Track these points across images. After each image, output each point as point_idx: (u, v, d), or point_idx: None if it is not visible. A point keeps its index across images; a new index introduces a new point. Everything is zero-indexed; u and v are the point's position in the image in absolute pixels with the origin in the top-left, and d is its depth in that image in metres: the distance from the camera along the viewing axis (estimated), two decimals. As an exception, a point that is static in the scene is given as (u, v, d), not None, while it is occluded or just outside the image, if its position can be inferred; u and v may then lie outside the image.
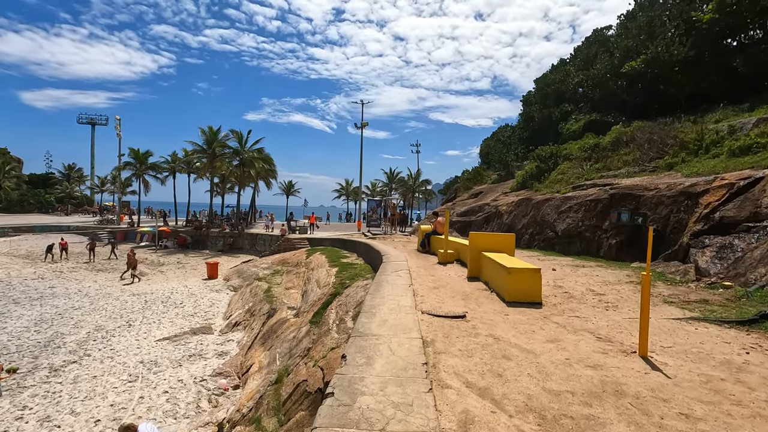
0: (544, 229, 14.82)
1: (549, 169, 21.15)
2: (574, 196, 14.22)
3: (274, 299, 16.05)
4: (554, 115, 29.64)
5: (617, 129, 18.99)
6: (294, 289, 16.96)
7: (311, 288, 15.35)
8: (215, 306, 18.26)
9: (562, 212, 13.99)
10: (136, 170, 42.29)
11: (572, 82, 29.35)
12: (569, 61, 34.93)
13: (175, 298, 19.49)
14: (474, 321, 5.25)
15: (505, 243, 8.55)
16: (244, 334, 14.13)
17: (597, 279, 8.45)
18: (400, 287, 7.25)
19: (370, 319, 5.05)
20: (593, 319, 5.49)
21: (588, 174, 17.00)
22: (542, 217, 15.14)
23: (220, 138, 39.00)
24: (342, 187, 63.04)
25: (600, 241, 11.94)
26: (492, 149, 38.48)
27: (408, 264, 10.70)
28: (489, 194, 27.97)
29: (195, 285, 22.59)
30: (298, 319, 12.71)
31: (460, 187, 35.37)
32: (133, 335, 14.09)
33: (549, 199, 15.54)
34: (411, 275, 8.81)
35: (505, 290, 6.36)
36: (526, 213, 16.78)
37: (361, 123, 38.21)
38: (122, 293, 20.27)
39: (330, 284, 13.77)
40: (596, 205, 12.49)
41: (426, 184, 55.65)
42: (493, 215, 19.97)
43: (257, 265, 24.49)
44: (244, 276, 22.70)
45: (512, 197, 21.53)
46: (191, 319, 16.06)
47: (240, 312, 16.02)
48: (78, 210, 65.65)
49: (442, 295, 6.90)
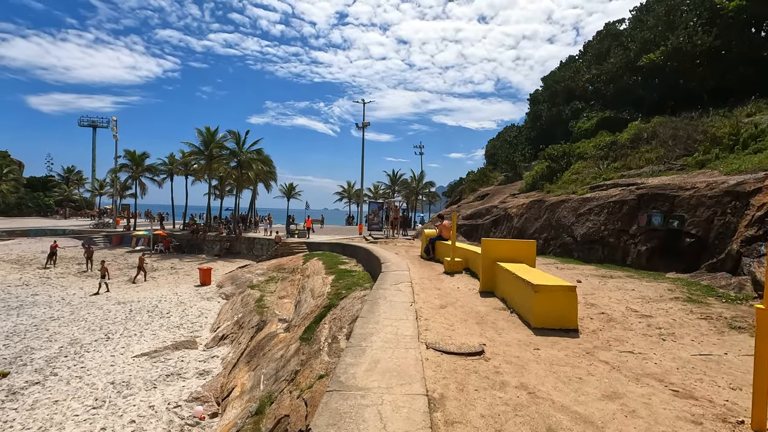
0: (560, 234, 13.49)
1: (561, 168, 19.82)
2: (593, 197, 12.89)
3: (265, 310, 14.80)
4: (564, 113, 28.30)
5: (636, 125, 17.66)
6: (287, 299, 15.70)
7: (305, 298, 14.09)
8: (204, 316, 17.01)
9: (581, 215, 12.66)
10: (132, 172, 41.25)
11: (583, 78, 28.04)
12: (578, 58, 33.64)
13: (162, 307, 18.27)
14: (496, 359, 3.96)
15: (524, 252, 7.25)
16: (231, 349, 12.87)
17: (633, 294, 7.12)
18: (399, 306, 5.97)
19: (358, 358, 3.77)
20: (652, 355, 4.18)
21: (606, 173, 15.66)
22: (558, 221, 13.82)
23: (218, 139, 37.93)
24: (344, 190, 61.85)
25: (626, 248, 10.60)
26: (498, 150, 37.18)
27: (410, 274, 9.42)
28: (496, 196, 26.67)
29: (186, 292, 21.38)
30: (288, 334, 11.44)
31: (465, 188, 34.07)
32: (109, 350, 12.86)
33: (565, 201, 14.22)
34: (413, 288, 7.52)
35: (531, 313, 5.07)
36: (539, 216, 15.46)
37: (363, 123, 37.06)
38: (107, 301, 19.08)
39: (325, 294, 12.50)
40: (621, 207, 11.15)
41: (429, 186, 54.34)
42: (501, 218, 18.65)
43: (252, 271, 23.27)
44: (238, 283, 21.47)
45: (522, 199, 20.22)
46: (176, 332, 14.82)
47: (228, 324, 14.77)
48: (78, 213, 64.87)
49: (450, 316, 5.61)
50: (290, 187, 58.51)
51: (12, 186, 58.19)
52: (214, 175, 39.97)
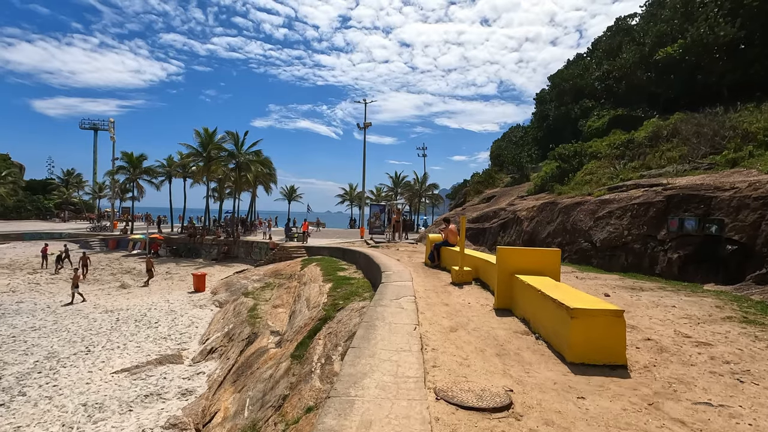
0: (576, 239, 12.42)
1: (573, 169, 18.75)
2: (612, 198, 11.83)
3: (257, 321, 13.79)
4: (573, 112, 27.22)
5: (654, 122, 16.58)
6: (282, 308, 14.69)
7: (300, 308, 13.08)
8: (195, 326, 16.03)
9: (600, 218, 11.60)
10: (130, 174, 40.43)
11: (593, 76, 26.97)
12: (586, 55, 32.58)
13: (151, 315, 17.30)
14: (530, 417, 2.92)
15: (548, 263, 6.21)
16: (218, 364, 11.86)
17: (677, 313, 6.06)
18: (401, 331, 4.95)
19: (342, 419, 2.74)
20: (738, 408, 3.13)
21: (623, 173, 14.59)
22: (573, 224, 12.75)
23: (216, 140, 37.06)
24: (346, 192, 60.89)
25: (654, 255, 9.53)
26: (503, 151, 36.08)
27: (413, 285, 8.39)
28: (502, 198, 25.61)
29: (178, 299, 20.41)
30: (279, 350, 10.43)
31: (470, 190, 33.01)
32: (87, 365, 11.88)
33: (580, 203, 13.15)
34: (417, 304, 6.49)
35: (567, 343, 4.03)
36: (552, 219, 14.40)
37: (364, 123, 36.11)
38: (94, 309, 18.12)
39: (320, 305, 11.50)
40: (647, 209, 10.08)
41: (433, 188, 53.28)
42: (510, 222, 17.59)
43: (248, 276, 22.29)
44: (233, 289, 20.50)
45: (531, 201, 19.15)
46: (162, 344, 13.83)
47: (218, 336, 13.77)
48: (78, 216, 64.21)
49: (464, 344, 4.58)
50: (291, 189, 57.64)
51: (10, 189, 57.53)
52: (212, 177, 39.12)
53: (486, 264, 8.32)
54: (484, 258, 8.59)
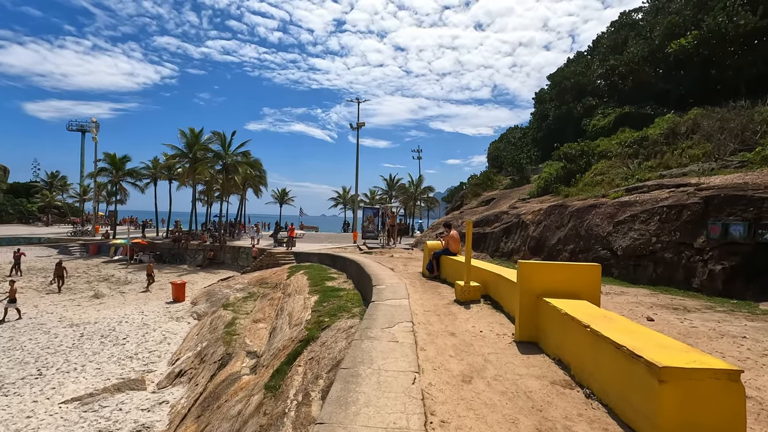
0: (591, 246, 11.06)
1: (580, 169, 17.46)
2: (633, 200, 10.49)
3: (234, 338, 12.27)
4: (575, 111, 26.04)
5: (670, 118, 15.34)
6: (263, 323, 13.17)
7: (281, 325, 11.58)
8: (167, 342, 14.45)
9: (621, 223, 10.25)
10: (112, 177, 38.68)
11: (596, 73, 25.81)
12: (587, 53, 31.49)
13: (121, 330, 15.69)
14: None
15: (585, 281, 4.81)
16: (186, 391, 10.32)
17: (756, 348, 4.67)
18: (394, 385, 3.49)
19: None
20: None
21: (639, 173, 13.29)
22: (588, 230, 11.39)
23: (203, 141, 35.50)
24: (339, 195, 59.40)
25: (691, 266, 8.17)
26: (502, 152, 34.87)
27: (410, 304, 6.96)
28: (503, 201, 24.30)
29: (154, 311, 18.80)
30: (253, 377, 8.94)
31: (468, 193, 31.69)
32: (34, 393, 10.30)
33: (595, 206, 11.81)
34: (416, 335, 5.06)
35: (651, 421, 2.61)
36: (562, 223, 13.04)
37: (357, 123, 34.70)
38: (59, 323, 16.47)
39: (303, 323, 10.03)
40: (680, 212, 8.74)
41: (429, 191, 51.94)
42: (514, 226, 16.23)
43: (231, 285, 20.73)
44: (213, 300, 18.92)
45: (535, 204, 17.82)
46: (126, 365, 12.26)
47: (189, 356, 12.22)
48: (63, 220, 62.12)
49: (485, 409, 3.14)
50: (283, 192, 56.06)
51: (-10, 192, 55.47)
52: (199, 179, 37.53)
53: (497, 279, 6.91)
54: (495, 271, 7.17)
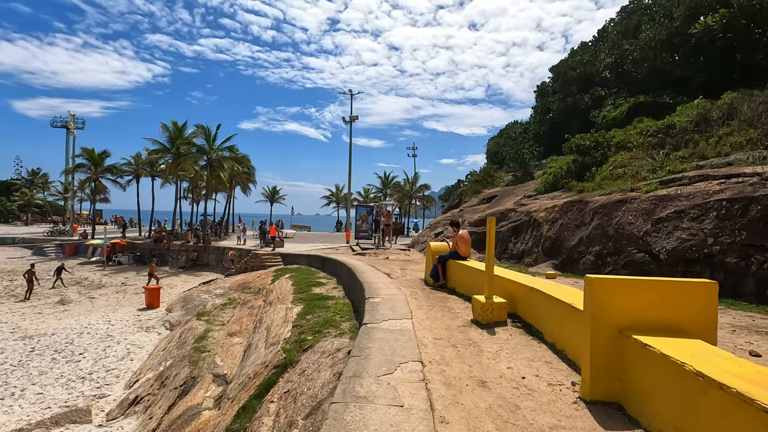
0: (623, 247, 9.40)
1: (595, 162, 15.85)
2: (675, 194, 8.85)
3: (204, 356, 10.46)
4: (582, 103, 24.48)
5: (699, 104, 13.75)
6: (238, 337, 11.37)
7: (257, 341, 9.80)
8: (129, 358, 12.60)
9: (662, 221, 8.59)
10: (90, 173, 36.51)
11: (604, 62, 24.25)
12: (592, 44, 29.95)
13: (80, 343, 13.81)
14: None
15: (691, 307, 3.12)
16: (139, 425, 8.49)
17: None
18: None
19: None
20: None
21: (670, 164, 11.68)
22: (618, 229, 9.73)
23: (187, 135, 33.52)
24: (332, 194, 57.54)
25: (765, 275, 6.51)
26: (502, 147, 33.26)
27: (414, 326, 5.22)
28: (506, 198, 22.66)
29: (123, 319, 16.91)
30: (214, 415, 7.15)
31: (467, 190, 30.03)
32: (-48, 428, 8.43)
33: (624, 201, 10.16)
34: (429, 390, 3.31)
35: None
36: (583, 222, 11.39)
37: (350, 117, 32.94)
38: (11, 335, 14.54)
39: (281, 341, 8.27)
40: (745, 208, 7.09)
41: (424, 189, 50.26)
42: (524, 225, 14.57)
43: (211, 290, 18.87)
44: (189, 307, 17.07)
45: (545, 200, 16.18)
46: (76, 388, 10.40)
47: (150, 377, 10.38)
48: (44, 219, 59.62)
49: None
50: (273, 190, 54.10)
51: (-35, 190, 52.94)
52: (183, 176, 35.51)
53: (530, 294, 5.19)
54: (526, 283, 5.46)
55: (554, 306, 4.43)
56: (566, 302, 4.11)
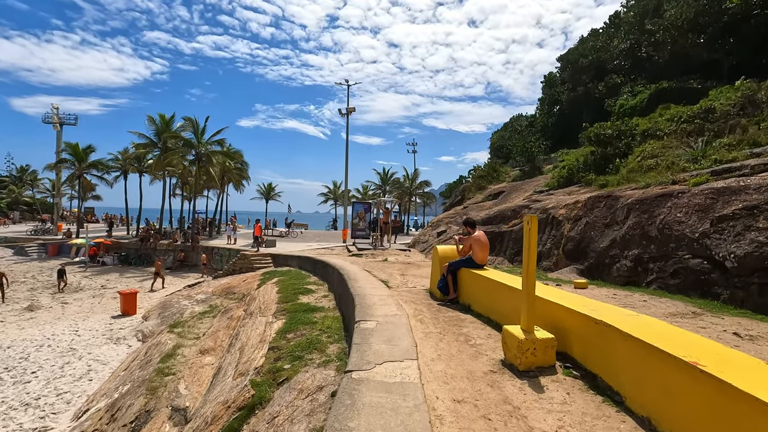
0: (672, 252, 7.74)
1: (619, 153, 14.18)
2: (739, 186, 7.19)
3: (165, 381, 8.79)
4: (596, 91, 22.78)
5: (744, 85, 12.06)
6: (211, 355, 9.70)
7: (228, 364, 8.13)
8: (88, 378, 10.94)
9: (725, 219, 6.93)
10: (75, 169, 34.77)
11: (618, 48, 22.54)
12: (603, 30, 28.22)
13: (36, 358, 12.14)
14: None
15: None
16: (75, 474, 6.84)
17: None
18: None
19: None
20: None
21: (715, 153, 10.01)
22: (665, 228, 8.07)
23: (175, 128, 31.78)
24: (329, 191, 55.82)
25: None
26: (507, 141, 31.56)
27: (420, 374, 3.54)
28: (514, 194, 20.98)
29: (92, 328, 15.25)
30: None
31: (470, 186, 28.34)
32: None
33: (669, 196, 8.50)
34: None
35: None
36: (614, 220, 9.73)
37: (347, 109, 31.22)
38: (-39, 348, 12.88)
39: (251, 371, 6.61)
40: None
41: (425, 186, 48.52)
42: (540, 224, 12.89)
43: (193, 295, 17.22)
44: (167, 315, 15.40)
45: (562, 195, 14.53)
46: (14, 419, 8.73)
47: (101, 408, 8.71)
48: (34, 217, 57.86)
49: None
50: (269, 187, 52.34)
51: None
52: (172, 172, 33.79)
53: (590, 325, 3.52)
54: (582, 310, 3.78)
55: (648, 357, 2.77)
56: (681, 359, 2.44)
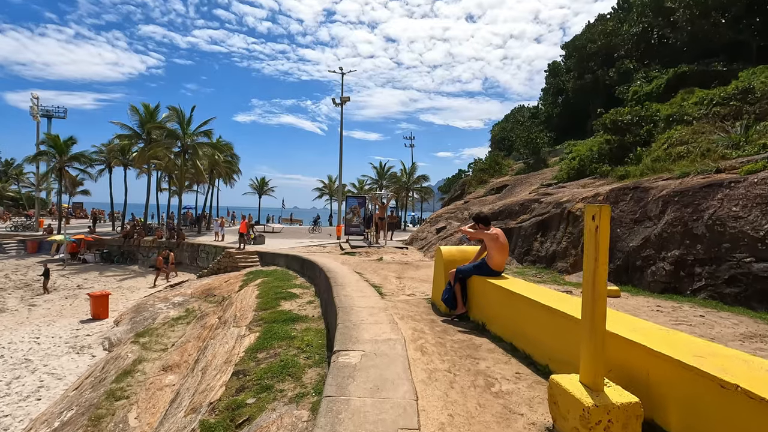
0: (726, 253, 6.36)
1: (640, 141, 12.80)
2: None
3: (115, 408, 7.36)
4: (604, 79, 21.39)
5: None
6: (174, 373, 8.27)
7: (187, 389, 6.71)
8: (37, 396, 9.51)
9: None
10: (56, 162, 33.09)
11: (630, 31, 21.12)
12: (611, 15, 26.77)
13: (-17, 371, 10.70)
14: None
15: None
16: None
17: None
18: None
19: None
20: None
21: (763, 137, 8.63)
22: (715, 224, 6.68)
23: (160, 119, 30.19)
24: (324, 186, 54.29)
25: None
26: (509, 133, 30.14)
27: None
28: (519, 188, 19.61)
29: (56, 335, 13.81)
30: None
31: (471, 180, 26.94)
32: None
33: (716, 186, 7.12)
34: None
35: None
36: (646, 215, 8.35)
37: (341, 98, 29.69)
38: None
39: (204, 406, 5.18)
40: None
41: (422, 180, 47.08)
42: (554, 219, 11.51)
43: (170, 297, 15.76)
44: (138, 320, 13.92)
45: (576, 188, 13.16)
46: (-67, 452, 7.31)
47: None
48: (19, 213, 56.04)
49: None
50: (262, 182, 50.78)
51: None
52: (159, 165, 32.20)
53: (695, 380, 2.13)
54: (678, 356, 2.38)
55: None
56: None
